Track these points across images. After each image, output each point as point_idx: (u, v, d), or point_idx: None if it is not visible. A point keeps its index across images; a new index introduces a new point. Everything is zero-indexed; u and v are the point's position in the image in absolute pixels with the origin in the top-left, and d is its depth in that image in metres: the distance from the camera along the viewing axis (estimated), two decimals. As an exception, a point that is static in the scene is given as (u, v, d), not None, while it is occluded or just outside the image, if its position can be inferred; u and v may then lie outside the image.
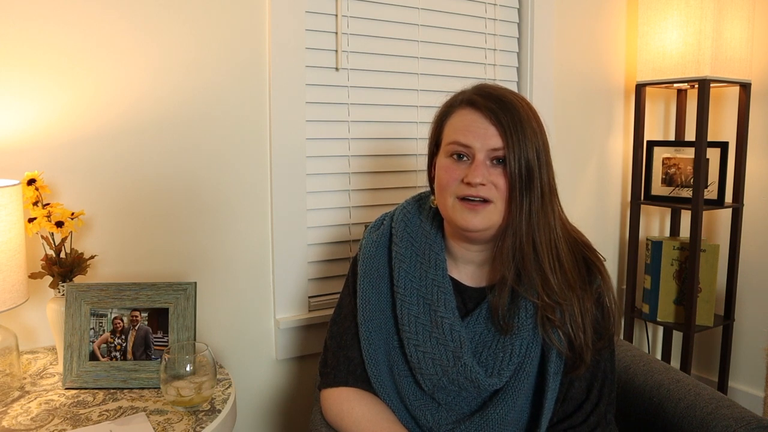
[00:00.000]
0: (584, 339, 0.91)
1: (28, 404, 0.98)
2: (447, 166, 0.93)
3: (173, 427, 0.91)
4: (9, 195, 0.97)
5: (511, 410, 0.93)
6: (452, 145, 0.92)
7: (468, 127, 0.91)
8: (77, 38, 1.19)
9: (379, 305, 1.00)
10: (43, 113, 1.17)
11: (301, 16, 1.40)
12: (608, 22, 1.99)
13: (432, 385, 0.96)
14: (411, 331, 0.96)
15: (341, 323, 1.05)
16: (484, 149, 0.89)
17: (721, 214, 2.11)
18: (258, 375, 1.47)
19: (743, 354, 2.07)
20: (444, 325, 0.94)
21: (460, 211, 0.90)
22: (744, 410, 1.03)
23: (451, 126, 0.94)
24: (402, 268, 0.98)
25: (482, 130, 0.90)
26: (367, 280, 1.01)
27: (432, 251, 0.98)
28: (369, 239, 1.04)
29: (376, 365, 0.99)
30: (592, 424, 0.94)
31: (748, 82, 1.90)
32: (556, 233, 0.92)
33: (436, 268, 0.97)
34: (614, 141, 2.05)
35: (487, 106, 0.90)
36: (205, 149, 1.34)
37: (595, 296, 0.94)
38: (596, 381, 0.95)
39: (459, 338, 0.93)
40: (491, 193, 0.89)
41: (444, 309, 0.95)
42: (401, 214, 1.03)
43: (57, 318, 1.09)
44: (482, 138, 0.89)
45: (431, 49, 1.63)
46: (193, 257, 1.35)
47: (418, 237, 1.00)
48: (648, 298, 2.01)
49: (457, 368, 0.93)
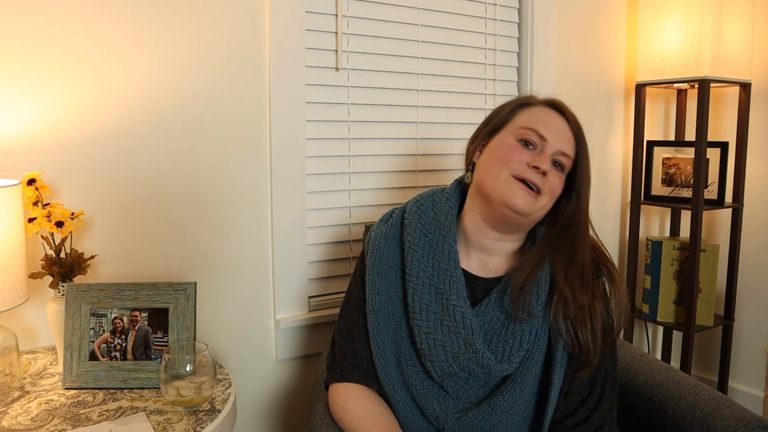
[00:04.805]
0: (593, 345, 0.93)
1: (28, 404, 0.98)
2: (513, 146, 0.98)
3: (173, 427, 0.91)
4: (9, 195, 0.97)
5: (519, 398, 0.95)
6: (526, 130, 0.98)
7: (549, 123, 0.98)
8: (77, 38, 1.19)
9: (389, 296, 1.02)
10: (43, 113, 1.17)
11: (301, 16, 1.40)
12: (608, 22, 1.99)
13: (442, 372, 0.97)
14: (422, 319, 0.98)
15: (349, 316, 1.06)
16: (555, 147, 0.97)
17: (721, 214, 2.11)
18: (258, 375, 1.46)
19: (743, 354, 2.07)
20: (456, 313, 0.96)
21: (513, 188, 0.94)
22: (744, 410, 1.03)
23: (531, 115, 1.00)
24: (415, 257, 1.01)
25: (562, 131, 0.98)
26: (377, 271, 1.03)
27: (445, 242, 1.00)
28: (378, 231, 1.07)
29: (384, 355, 1.00)
30: (598, 421, 0.95)
31: (748, 82, 1.90)
32: (589, 239, 1.01)
33: (449, 258, 0.99)
34: (614, 141, 2.05)
35: (570, 115, 1.01)
36: (205, 149, 1.34)
37: (601, 295, 0.96)
38: (599, 376, 0.96)
39: (471, 326, 0.95)
40: (545, 186, 0.95)
41: (456, 298, 0.97)
42: (415, 206, 1.06)
43: (57, 318, 1.09)
44: (559, 138, 0.97)
45: (431, 49, 1.63)
46: (193, 257, 1.35)
47: (431, 228, 1.02)
48: (648, 298, 2.01)
49: (469, 354, 0.95)
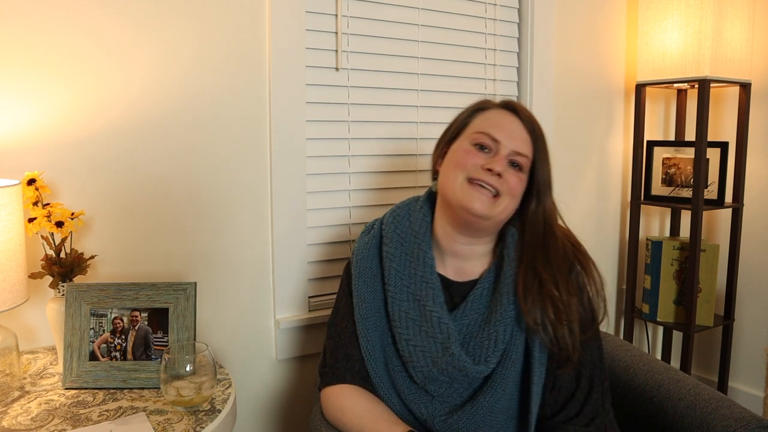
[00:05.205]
0: (571, 340, 0.94)
1: (28, 404, 0.98)
2: (468, 150, 0.99)
3: (173, 427, 0.91)
4: (9, 195, 0.97)
5: (501, 398, 0.96)
6: (480, 134, 0.99)
7: (502, 125, 0.99)
8: (77, 38, 1.19)
9: (374, 303, 1.04)
10: (43, 113, 1.17)
11: (301, 16, 1.40)
12: (608, 22, 1.98)
13: (423, 377, 0.99)
14: (402, 326, 1.00)
15: (338, 324, 1.07)
16: (510, 148, 0.97)
17: (721, 214, 2.11)
18: (258, 375, 1.46)
19: (743, 354, 2.07)
20: (432, 318, 0.98)
21: (468, 192, 0.96)
22: (744, 410, 1.03)
23: (485, 119, 1.02)
24: (392, 266, 1.03)
25: (516, 132, 0.99)
26: (362, 280, 1.05)
27: (420, 249, 1.02)
28: (361, 242, 1.10)
29: (374, 361, 1.02)
30: (589, 414, 0.95)
31: (748, 82, 1.89)
32: (560, 235, 1.01)
33: (424, 265, 1.01)
34: (614, 141, 2.05)
35: (525, 113, 1.01)
36: (205, 149, 1.34)
37: (575, 288, 0.97)
38: (584, 369, 0.97)
39: (447, 330, 0.98)
40: (503, 187, 0.96)
41: (432, 303, 0.99)
42: (391, 217, 1.09)
43: (57, 318, 1.09)
44: (512, 139, 0.98)
45: (431, 49, 1.63)
46: (193, 257, 1.35)
47: (407, 237, 1.05)
48: (648, 298, 2.01)
49: (446, 358, 0.96)
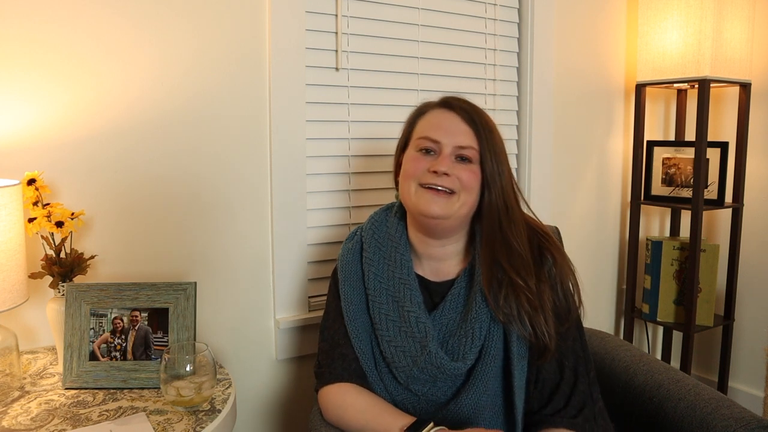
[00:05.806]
0: (546, 328, 0.95)
1: (28, 404, 0.98)
2: (415, 157, 1.01)
3: (173, 427, 0.91)
4: (9, 195, 0.97)
5: (483, 394, 0.97)
6: (421, 140, 1.01)
7: (440, 124, 1.00)
8: (77, 38, 1.19)
9: (360, 306, 1.06)
10: (43, 113, 1.17)
11: (301, 16, 1.40)
12: (608, 22, 1.98)
13: (406, 377, 1.00)
14: (383, 328, 1.02)
15: (331, 326, 1.08)
16: (452, 145, 0.98)
17: (721, 214, 2.11)
18: (258, 375, 1.46)
19: (743, 354, 2.07)
20: (410, 318, 1.00)
21: (422, 197, 0.98)
22: (744, 410, 1.03)
23: (425, 122, 1.03)
24: (371, 271, 1.05)
25: (453, 127, 0.99)
26: (348, 283, 1.07)
27: (398, 252, 1.05)
28: (345, 248, 1.12)
29: (367, 361, 1.03)
30: (577, 404, 0.96)
31: (748, 82, 1.89)
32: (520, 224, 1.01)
33: (401, 267, 1.03)
34: (614, 141, 2.05)
35: (461, 107, 1.01)
36: (205, 149, 1.34)
37: (548, 279, 0.98)
38: (566, 360, 0.97)
39: (425, 329, 0.99)
40: (455, 184, 0.97)
41: (410, 303, 1.01)
42: (369, 224, 1.12)
43: (57, 318, 1.09)
44: (451, 135, 0.98)
45: (431, 49, 1.63)
46: (193, 257, 1.35)
47: (384, 241, 1.07)
48: (648, 298, 2.01)
49: (424, 356, 0.98)
